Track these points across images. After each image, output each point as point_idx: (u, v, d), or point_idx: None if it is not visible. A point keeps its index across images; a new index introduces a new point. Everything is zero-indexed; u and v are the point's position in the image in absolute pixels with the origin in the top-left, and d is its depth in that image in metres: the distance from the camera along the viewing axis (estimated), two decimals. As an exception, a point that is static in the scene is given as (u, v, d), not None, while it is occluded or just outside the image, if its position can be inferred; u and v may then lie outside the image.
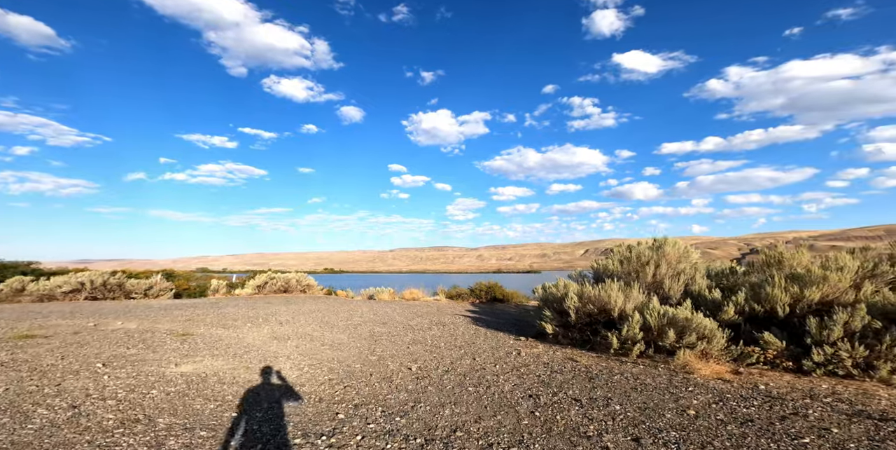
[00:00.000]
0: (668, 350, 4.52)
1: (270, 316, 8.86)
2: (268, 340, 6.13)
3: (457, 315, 8.85)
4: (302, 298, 14.02)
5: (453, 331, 6.82)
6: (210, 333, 6.69)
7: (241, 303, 11.78)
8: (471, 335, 6.39)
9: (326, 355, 5.11)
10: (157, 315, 9.03)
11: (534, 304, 11.26)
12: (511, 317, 8.53)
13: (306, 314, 9.18)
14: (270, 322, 7.92)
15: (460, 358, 4.86)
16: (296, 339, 6.21)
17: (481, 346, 5.54)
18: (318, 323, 7.85)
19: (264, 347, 5.60)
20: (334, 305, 11.06)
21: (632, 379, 3.75)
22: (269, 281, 16.13)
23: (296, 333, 6.74)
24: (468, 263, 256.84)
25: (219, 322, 7.89)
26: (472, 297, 12.00)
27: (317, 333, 6.75)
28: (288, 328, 7.20)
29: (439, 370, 4.30)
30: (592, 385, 3.60)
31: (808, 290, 4.36)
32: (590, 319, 5.43)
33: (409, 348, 5.43)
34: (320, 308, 10.39)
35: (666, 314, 4.54)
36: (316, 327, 7.32)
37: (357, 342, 5.90)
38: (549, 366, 4.37)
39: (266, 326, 7.41)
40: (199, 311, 9.88)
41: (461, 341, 5.96)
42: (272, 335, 6.52)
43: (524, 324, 7.48)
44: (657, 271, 5.50)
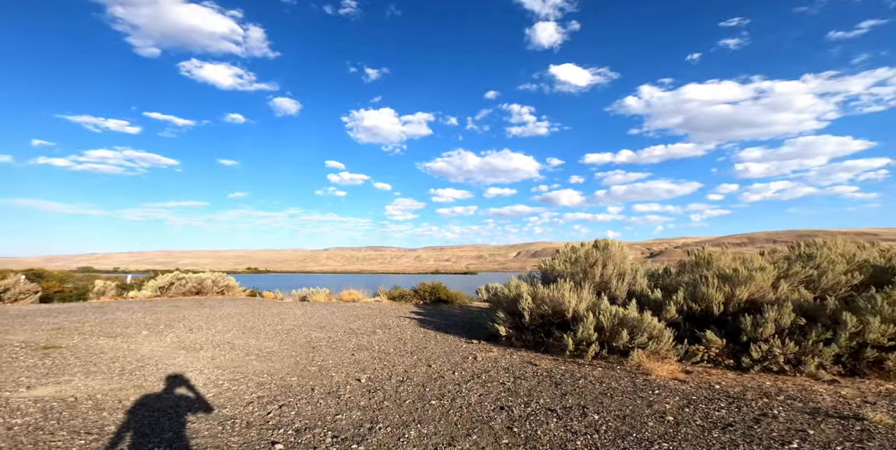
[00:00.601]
0: (620, 351, 4.53)
1: (177, 321, 7.41)
2: (172, 350, 4.97)
3: (402, 317, 8.28)
4: (219, 300, 12.24)
5: (401, 335, 6.26)
6: (88, 344, 5.26)
7: (136, 307, 9.81)
8: (420, 339, 5.90)
9: (253, 367, 4.23)
10: (11, 323, 7.00)
11: (478, 305, 11.11)
12: (458, 318, 8.22)
13: (225, 319, 7.87)
14: (176, 328, 6.57)
15: (414, 365, 4.35)
16: (211, 348, 5.14)
17: (434, 350, 5.09)
18: (241, 329, 6.71)
19: (167, 359, 4.49)
20: (260, 309, 9.73)
21: (597, 383, 3.61)
22: (177, 282, 13.85)
23: (211, 341, 5.62)
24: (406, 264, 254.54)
25: (102, 330, 6.33)
26: (415, 298, 11.49)
27: (239, 340, 5.70)
28: (200, 336, 6.00)
29: (393, 381, 3.75)
30: (561, 392, 3.38)
31: (739, 289, 4.68)
32: (543, 321, 5.30)
33: (355, 356, 4.78)
34: (242, 312, 9.05)
35: (617, 315, 4.55)
36: (237, 334, 6.22)
37: (291, 350, 5.05)
38: (510, 371, 4.08)
39: (170, 334, 6.10)
40: (76, 317, 7.94)
41: (411, 345, 5.45)
42: (178, 345, 5.33)
43: (473, 326, 7.20)
44: (604, 272, 5.59)
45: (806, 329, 4.03)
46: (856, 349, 3.75)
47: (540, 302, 5.25)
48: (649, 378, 3.74)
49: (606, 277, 5.60)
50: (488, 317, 6.11)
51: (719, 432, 2.45)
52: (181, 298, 12.75)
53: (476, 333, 6.39)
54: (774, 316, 4.11)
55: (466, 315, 8.78)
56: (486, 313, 6.27)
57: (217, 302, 11.42)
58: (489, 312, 6.31)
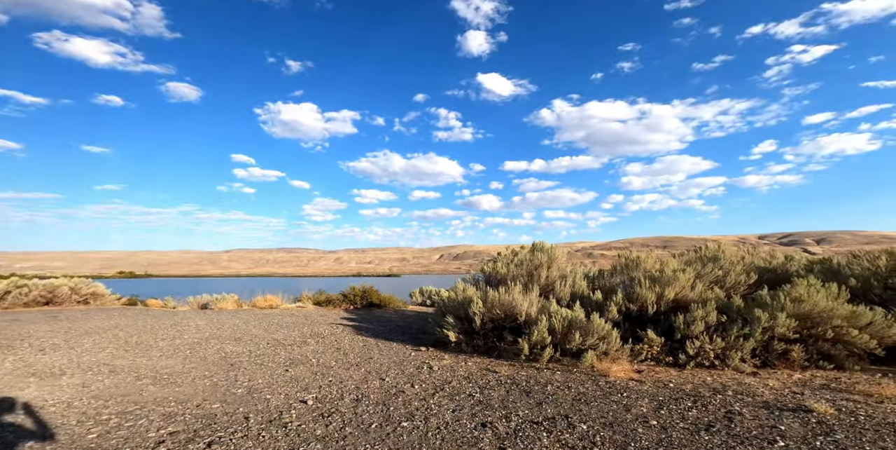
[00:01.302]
0: (573, 353, 4.56)
1: (18, 340, 5.49)
2: (16, 379, 3.54)
3: (334, 324, 7.41)
4: (81, 311, 9.67)
5: (338, 344, 5.51)
6: None
7: (-50, 319, 7.14)
8: (361, 348, 5.25)
9: (151, 393, 3.18)
10: None
11: (414, 308, 10.61)
12: (396, 324, 7.66)
13: (95, 334, 6.09)
14: (20, 350, 4.82)
15: (365, 380, 3.76)
16: (80, 373, 3.80)
17: (381, 361, 4.52)
18: (122, 345, 5.21)
19: (9, 391, 3.15)
20: (145, 319, 7.85)
21: (564, 389, 3.49)
22: (16, 289, 10.60)
23: (78, 363, 4.19)
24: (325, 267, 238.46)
25: None
26: (345, 303, 10.52)
27: (122, 360, 4.37)
28: (59, 357, 4.46)
29: (347, 400, 3.13)
30: (535, 401, 3.16)
31: (667, 289, 5.12)
32: (494, 325, 5.14)
33: (290, 372, 3.96)
34: (120, 324, 7.17)
35: (567, 317, 4.60)
36: (117, 352, 4.79)
37: (202, 370, 3.99)
38: (472, 381, 3.76)
39: (10, 356, 4.43)
40: None
41: (354, 356, 4.78)
42: (25, 370, 3.85)
43: (415, 331, 6.73)
44: (549, 274, 5.69)
45: (726, 325, 4.52)
46: (766, 343, 4.30)
47: (491, 306, 5.07)
48: (609, 380, 3.76)
49: (551, 280, 5.69)
50: (435, 322, 5.74)
51: (707, 434, 2.46)
52: (23, 311, 9.76)
53: (421, 340, 5.95)
54: (702, 314, 4.53)
55: (405, 320, 8.26)
56: (433, 318, 5.89)
57: (80, 313, 8.98)
58: (435, 316, 5.94)
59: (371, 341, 5.87)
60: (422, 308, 11.03)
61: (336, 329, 6.89)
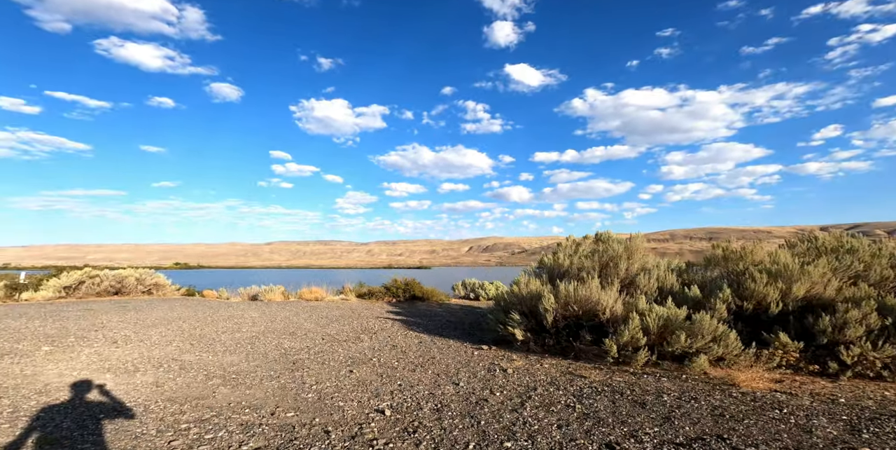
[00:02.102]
0: (672, 356, 3.98)
1: (93, 331, 5.65)
2: (93, 374, 3.52)
3: (381, 318, 7.22)
4: (146, 301, 10.11)
5: (393, 341, 5.27)
6: (-44, 369, 3.58)
7: (32, 312, 7.58)
8: (418, 346, 4.97)
9: (224, 396, 3.02)
10: None
11: (458, 302, 10.32)
12: (444, 319, 7.36)
13: (161, 325, 6.21)
14: (95, 341, 4.92)
15: (436, 384, 3.44)
16: (152, 369, 3.74)
17: (446, 362, 4.21)
18: (187, 338, 5.23)
19: (86, 391, 3.10)
20: (204, 310, 8.02)
21: (690, 400, 2.95)
22: (89, 279, 11.27)
23: (149, 357, 4.17)
24: (357, 258, 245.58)
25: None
26: (387, 295, 10.40)
27: (190, 355, 4.31)
28: (131, 350, 4.48)
29: (426, 410, 2.82)
30: (659, 415, 2.68)
31: (795, 286, 4.13)
32: (567, 323, 4.68)
33: (354, 373, 3.72)
34: (183, 315, 7.33)
35: (662, 315, 4.04)
36: (184, 346, 4.78)
37: (267, 368, 3.84)
38: (561, 387, 3.34)
39: (86, 349, 4.50)
40: (-60, 325, 5.78)
41: (414, 355, 4.50)
42: (101, 365, 3.84)
43: (468, 327, 6.40)
44: (629, 266, 5.11)
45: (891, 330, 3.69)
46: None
47: (565, 302, 4.60)
48: (743, 390, 3.19)
49: (631, 273, 5.11)
50: (495, 319, 5.36)
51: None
52: (96, 300, 10.34)
53: (478, 337, 5.60)
54: (857, 316, 3.69)
55: (453, 315, 7.96)
56: (492, 315, 5.51)
57: (145, 303, 9.36)
58: (494, 312, 5.55)
59: (425, 337, 5.58)
60: (465, 301, 10.71)
61: (385, 324, 6.69)
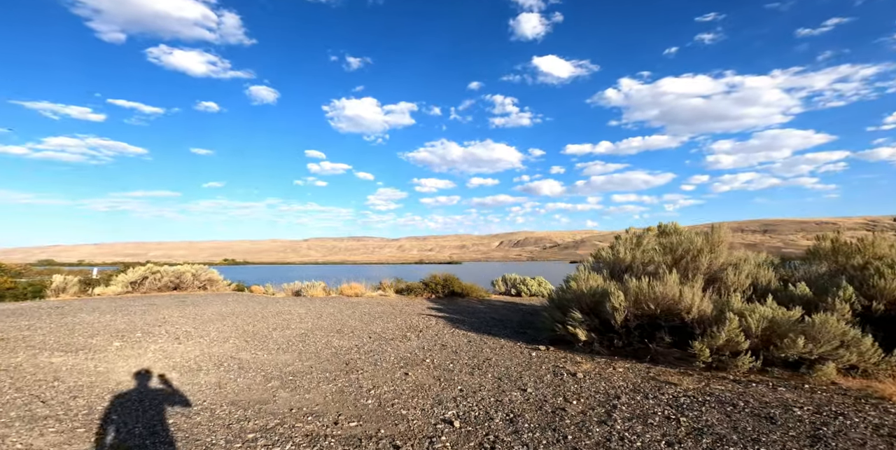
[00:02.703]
0: (785, 362, 3.42)
1: (157, 325, 5.86)
2: (163, 371, 3.55)
3: (424, 315, 7.05)
4: (201, 296, 10.56)
5: (441, 340, 5.04)
6: (37, 363, 3.74)
7: (104, 306, 8.08)
8: (468, 346, 4.71)
9: (284, 400, 2.91)
10: (-67, 331, 5.26)
11: (498, 298, 10.01)
12: (488, 316, 7.07)
13: (217, 321, 6.37)
14: (159, 337, 5.07)
15: (499, 389, 3.16)
16: (213, 368, 3.74)
17: (505, 364, 3.91)
18: (241, 335, 5.28)
19: (155, 392, 3.09)
20: (254, 306, 8.22)
21: (834, 416, 2.43)
22: (151, 276, 11.97)
23: (209, 355, 4.20)
24: (389, 254, 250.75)
25: (59, 341, 4.75)
26: (426, 291, 10.25)
27: (246, 353, 4.31)
28: (192, 347, 4.55)
29: (499, 421, 2.55)
30: (801, 434, 2.20)
31: None
32: (640, 323, 4.22)
33: (410, 376, 3.52)
34: (235, 311, 7.53)
35: (767, 316, 3.46)
36: (240, 343, 4.80)
37: (320, 369, 3.73)
38: (649, 396, 2.95)
39: (151, 345, 4.62)
40: (27, 321, 6.22)
41: (467, 356, 4.24)
42: (166, 362, 3.89)
43: (516, 325, 6.07)
44: (712, 261, 4.53)
45: None
46: None
47: (637, 300, 4.14)
48: None
49: (715, 268, 4.54)
50: (551, 317, 4.99)
51: None
52: (157, 295, 10.96)
53: (531, 336, 5.26)
54: None
55: (496, 312, 7.65)
56: (547, 312, 5.14)
57: (200, 298, 9.77)
58: (549, 310, 5.18)
59: (474, 336, 5.31)
60: (507, 298, 10.35)
61: (429, 321, 6.49)
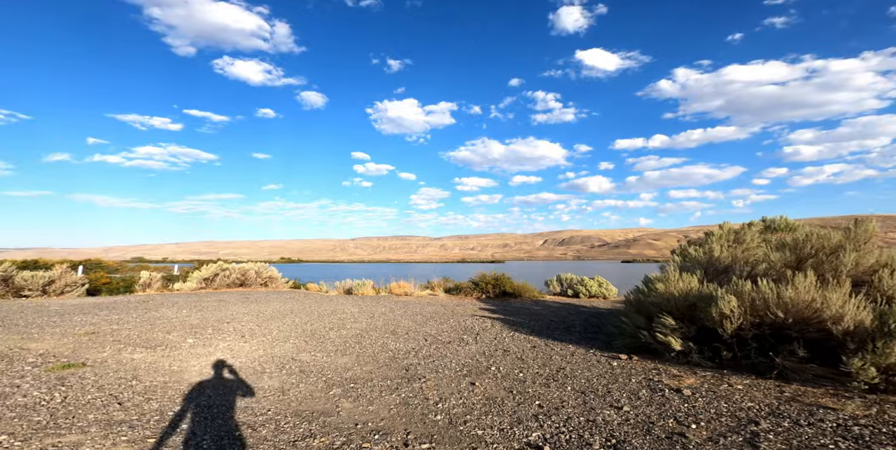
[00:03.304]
0: None
1: (225, 322, 6.07)
2: (228, 374, 3.53)
3: (477, 317, 6.67)
4: (263, 293, 11.06)
5: (502, 344, 4.63)
6: (120, 360, 3.90)
7: (181, 301, 8.66)
8: (533, 352, 4.25)
9: (347, 413, 2.69)
10: (43, 324, 5.83)
11: (554, 299, 9.38)
12: (546, 318, 6.52)
13: (278, 318, 6.49)
14: (227, 334, 5.19)
15: (587, 406, 2.69)
16: (276, 371, 3.66)
17: (583, 375, 3.42)
18: (301, 334, 5.26)
19: (222, 396, 3.04)
20: (310, 304, 8.37)
21: None
22: (221, 272, 12.79)
23: (272, 356, 4.16)
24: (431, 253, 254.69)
25: (141, 337, 5.01)
26: (476, 291, 9.87)
27: (305, 355, 4.22)
28: (256, 346, 4.57)
29: (598, 447, 2.11)
30: None
31: None
32: (758, 333, 3.49)
33: (478, 387, 3.17)
34: (294, 308, 7.69)
35: None
36: (300, 343, 4.76)
37: (380, 375, 3.50)
38: (803, 423, 2.31)
39: (220, 343, 4.71)
40: (116, 315, 6.76)
41: (536, 364, 3.79)
42: (234, 362, 3.89)
43: (581, 329, 5.48)
44: (858, 261, 3.64)
45: None
46: None
47: (754, 306, 3.43)
48: None
49: (862, 269, 3.66)
50: (632, 322, 4.38)
51: None
52: (226, 291, 11.68)
53: (602, 341, 4.68)
54: None
55: (555, 314, 7.07)
56: (627, 317, 4.53)
57: (262, 295, 10.21)
58: (630, 314, 4.56)
59: (537, 341, 4.83)
60: (562, 298, 9.67)
61: (484, 323, 6.10)
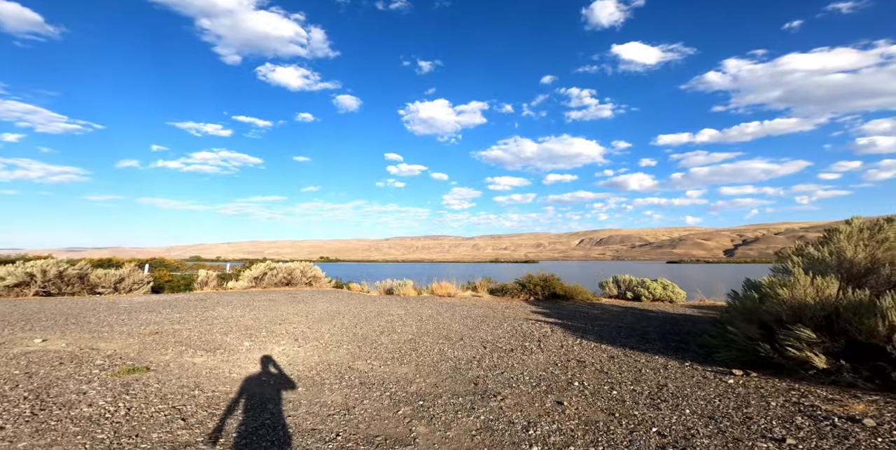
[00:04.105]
0: None
1: (278, 324, 6.00)
2: (287, 384, 3.32)
3: (531, 321, 6.17)
4: (309, 292, 11.15)
5: (572, 353, 4.11)
6: (182, 363, 3.81)
7: (234, 300, 8.84)
8: (612, 362, 3.70)
9: (425, 442, 2.34)
10: (113, 322, 6.04)
11: (610, 302, 8.64)
12: (612, 324, 5.88)
13: (327, 320, 6.35)
14: (281, 337, 5.07)
15: (725, 436, 2.15)
16: (336, 382, 3.38)
17: (692, 393, 2.86)
18: (352, 339, 5.03)
19: (283, 413, 2.80)
20: (355, 305, 8.24)
21: None
22: (269, 272, 13.11)
23: (328, 363, 3.93)
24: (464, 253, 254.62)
25: (201, 338, 4.99)
26: (523, 292, 9.34)
27: (362, 363, 3.95)
28: (311, 351, 4.37)
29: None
30: None
31: None
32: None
33: (567, 408, 2.71)
34: (340, 309, 7.56)
35: None
36: (353, 349, 4.51)
37: (449, 391, 3.13)
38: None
39: (276, 347, 4.57)
40: (178, 313, 6.93)
41: (627, 379, 3.26)
42: (292, 370, 3.69)
43: (657, 336, 4.81)
44: None
45: None
46: None
47: None
48: None
49: None
50: (744, 332, 3.72)
51: None
52: (273, 290, 11.93)
53: (695, 353, 4.03)
54: None
55: (620, 319, 6.41)
56: (739, 326, 3.86)
57: (308, 295, 10.26)
58: (739, 324, 3.88)
59: (613, 350, 4.27)
60: (622, 302, 8.89)
61: (542, 328, 5.58)
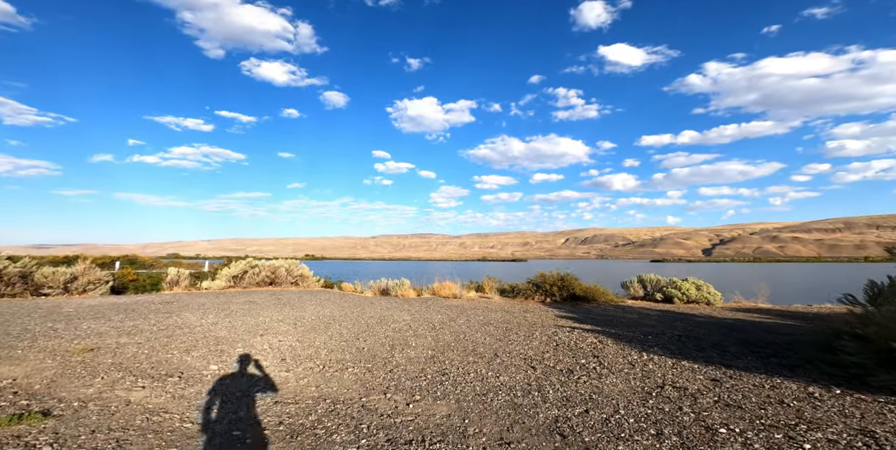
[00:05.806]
0: None
1: (259, 334, 4.68)
2: (277, 432, 2.09)
3: (564, 328, 5.09)
4: (295, 293, 9.77)
5: (654, 377, 3.04)
6: (106, 404, 2.49)
7: (208, 303, 7.40)
8: (731, 390, 2.66)
9: None
10: (39, 333, 4.55)
11: (639, 305, 7.67)
12: (664, 332, 4.84)
13: (321, 330, 5.07)
14: (263, 355, 3.76)
15: None
16: (352, 439, 2.20)
17: (889, 438, 1.84)
18: (358, 357, 3.79)
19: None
20: (351, 308, 6.96)
21: None
22: (250, 270, 11.59)
23: (332, 400, 2.70)
24: (451, 251, 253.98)
25: (151, 357, 3.64)
26: (538, 294, 8.28)
27: (379, 399, 2.73)
28: (305, 379, 3.12)
29: None
30: None
31: None
32: None
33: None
34: (335, 315, 6.29)
35: None
36: (362, 373, 3.29)
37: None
38: None
39: (256, 371, 3.29)
40: (132, 321, 5.49)
41: (789, 420, 2.21)
42: (281, 413, 2.46)
43: (736, 348, 3.82)
44: None
45: None
46: None
47: None
48: None
49: None
50: (853, 348, 2.73)
51: None
52: (255, 290, 10.47)
53: (823, 372, 3.02)
54: None
55: (666, 324, 5.39)
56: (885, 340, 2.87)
57: (295, 296, 8.90)
58: (876, 334, 2.89)
59: (707, 370, 3.21)
60: (651, 304, 7.93)
61: (584, 338, 4.51)
